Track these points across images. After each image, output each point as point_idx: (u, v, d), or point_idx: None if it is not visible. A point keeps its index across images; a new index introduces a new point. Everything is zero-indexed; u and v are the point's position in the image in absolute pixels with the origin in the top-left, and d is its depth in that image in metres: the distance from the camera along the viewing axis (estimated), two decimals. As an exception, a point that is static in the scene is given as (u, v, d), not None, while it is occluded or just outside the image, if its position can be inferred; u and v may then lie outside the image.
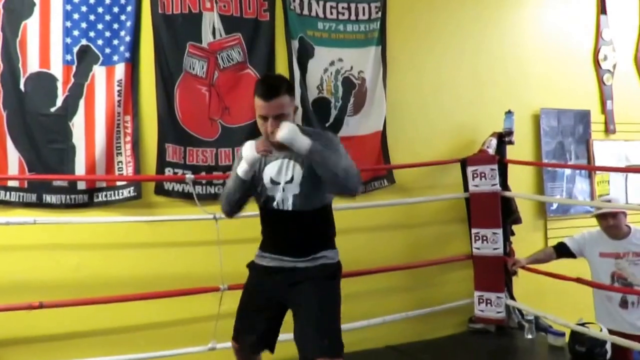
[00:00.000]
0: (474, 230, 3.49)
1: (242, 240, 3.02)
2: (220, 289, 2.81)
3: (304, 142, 1.98)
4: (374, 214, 3.44)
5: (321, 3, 3.40)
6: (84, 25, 2.90)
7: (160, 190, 3.01)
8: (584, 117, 4.15)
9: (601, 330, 3.11)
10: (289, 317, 2.15)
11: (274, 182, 2.13)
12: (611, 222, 3.09)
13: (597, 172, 4.17)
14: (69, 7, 2.86)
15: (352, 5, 3.47)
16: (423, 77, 3.66)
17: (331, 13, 3.43)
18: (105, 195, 2.90)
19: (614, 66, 4.28)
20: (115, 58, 2.95)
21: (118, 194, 2.91)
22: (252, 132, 3.15)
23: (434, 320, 3.53)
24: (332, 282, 2.14)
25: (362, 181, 3.22)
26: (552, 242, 4.02)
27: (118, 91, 2.93)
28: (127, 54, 2.96)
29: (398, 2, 3.56)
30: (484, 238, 3.44)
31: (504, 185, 3.53)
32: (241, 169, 2.10)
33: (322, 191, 2.11)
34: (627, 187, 4.31)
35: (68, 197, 2.82)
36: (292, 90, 2.20)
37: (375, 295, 3.41)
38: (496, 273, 3.44)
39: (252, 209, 3.03)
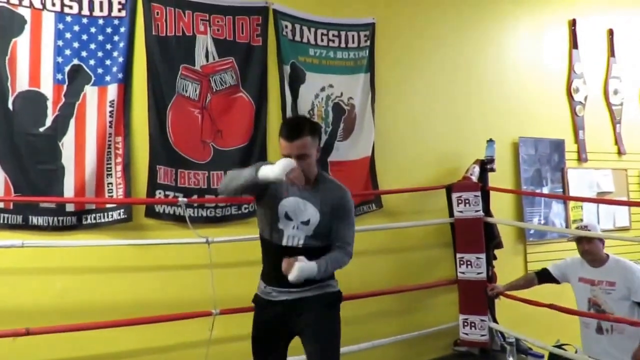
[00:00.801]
0: (458, 255, 3.50)
1: (235, 264, 2.97)
2: (212, 314, 2.71)
3: (310, 276, 2.06)
4: (362, 238, 3.35)
5: (312, 30, 3.40)
6: (76, 44, 2.80)
7: (150, 213, 2.90)
8: (559, 146, 4.26)
9: (576, 351, 3.16)
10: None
11: (289, 218, 2.18)
12: (586, 247, 3.13)
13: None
14: (61, 26, 2.76)
15: (342, 33, 3.48)
16: (410, 105, 3.69)
17: (322, 40, 3.43)
18: (95, 218, 2.77)
19: (585, 98, 4.42)
20: (108, 78, 2.86)
21: (108, 217, 2.79)
22: (245, 156, 3.14)
23: (421, 343, 3.49)
24: (336, 312, 2.26)
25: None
26: (531, 266, 4.09)
27: (110, 112, 2.83)
28: (119, 75, 2.87)
29: (386, 32, 3.59)
30: (468, 263, 3.45)
31: (487, 211, 3.56)
32: (265, 173, 2.04)
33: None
34: (599, 213, 4.43)
35: (56, 219, 2.68)
36: (316, 132, 2.22)
37: (364, 319, 3.35)
38: (480, 297, 3.44)
39: (244, 233, 3.01)
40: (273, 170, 2.03)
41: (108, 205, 2.79)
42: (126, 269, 2.77)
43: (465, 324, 3.47)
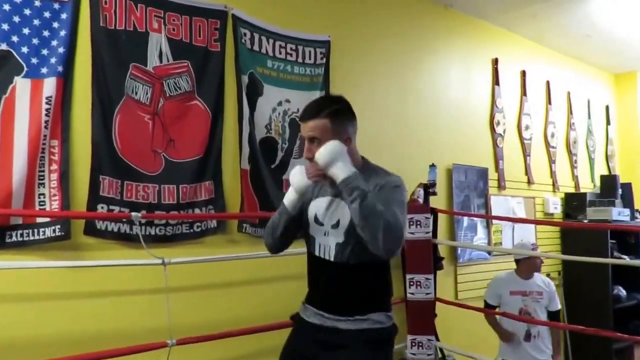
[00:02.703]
0: (408, 276, 3.35)
1: (191, 288, 2.54)
2: (167, 345, 2.25)
3: (342, 170, 1.58)
4: (301, 260, 3.14)
5: (271, 41, 3.11)
6: (5, 26, 2.25)
7: (91, 230, 2.37)
8: (483, 174, 4.35)
9: None
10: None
11: (318, 222, 1.76)
12: (538, 262, 3.47)
13: (494, 222, 4.38)
14: (-14, 3, 2.21)
15: (300, 48, 3.23)
16: (361, 127, 3.50)
17: (280, 52, 3.15)
18: (22, 235, 2.19)
19: (504, 131, 4.60)
20: (44, 71, 2.32)
21: (39, 233, 2.22)
22: (200, 168, 2.74)
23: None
24: (377, 354, 1.71)
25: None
26: (460, 287, 4.11)
27: (46, 110, 2.29)
28: (59, 68, 2.35)
29: (340, 51, 3.42)
30: (418, 283, 3.32)
31: (435, 233, 3.49)
32: (288, 197, 1.73)
33: None
34: (514, 236, 4.60)
35: (-30, 236, 2.09)
36: (339, 115, 1.74)
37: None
38: (428, 317, 3.32)
39: (199, 254, 2.60)
40: (294, 184, 1.71)
41: (39, 220, 2.23)
42: (62, 296, 2.22)
43: (413, 344, 3.32)
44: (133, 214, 2.31)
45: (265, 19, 3.07)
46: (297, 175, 1.71)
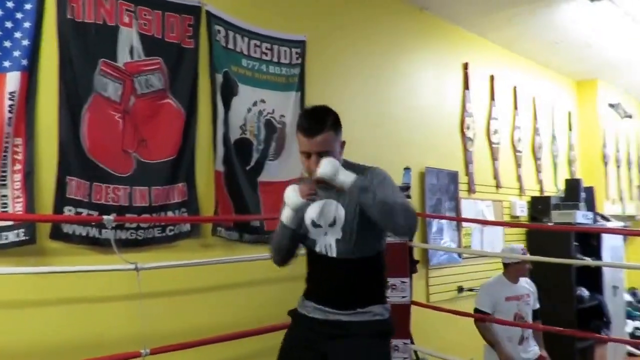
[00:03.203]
0: (383, 280, 3.35)
1: (165, 294, 2.44)
2: (141, 355, 2.14)
3: (346, 177, 1.69)
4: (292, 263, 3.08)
5: (246, 39, 3.03)
6: (-37, 16, 2.11)
7: (57, 234, 2.24)
8: (454, 178, 4.39)
9: None
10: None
11: (316, 225, 1.85)
12: (527, 266, 3.47)
13: (464, 225, 4.43)
14: (-58, -10, 2.06)
15: (275, 47, 3.17)
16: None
17: (255, 51, 3.08)
18: (-19, 240, 2.06)
19: (474, 135, 4.67)
20: (7, 64, 2.17)
21: (1, 238, 2.07)
22: (173, 170, 2.64)
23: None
24: (379, 342, 1.82)
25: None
26: (432, 289, 4.12)
27: (9, 106, 2.15)
28: (23, 62, 2.21)
29: (316, 52, 3.38)
30: (394, 287, 3.31)
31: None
32: (285, 215, 1.82)
33: (372, 236, 1.83)
34: (483, 239, 4.67)
35: None
36: (338, 124, 1.86)
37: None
38: (404, 320, 3.30)
39: (173, 258, 2.50)
40: (290, 205, 1.78)
41: (2, 224, 2.08)
42: (28, 304, 2.08)
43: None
44: (105, 217, 2.19)
45: (240, 17, 3.00)
46: (291, 196, 1.78)
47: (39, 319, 2.11)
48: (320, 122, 1.79)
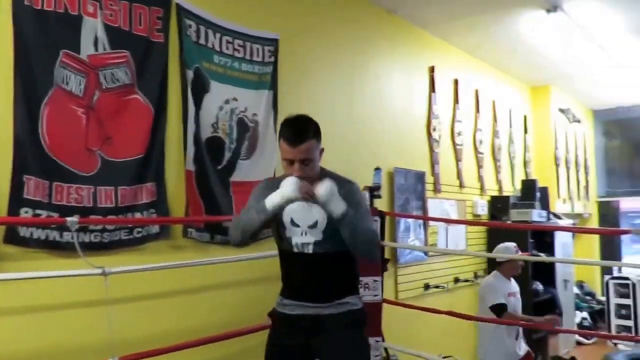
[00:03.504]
0: (356, 280, 3.20)
1: (133, 299, 2.20)
2: (109, 364, 1.91)
3: (338, 206, 1.77)
4: (262, 263, 2.88)
5: (218, 35, 2.81)
6: None
7: (12, 238, 1.97)
8: (421, 178, 4.29)
9: None
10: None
11: (295, 224, 1.88)
12: (520, 265, 3.50)
13: (430, 224, 4.34)
14: None
15: (248, 44, 2.96)
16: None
17: (227, 48, 2.86)
18: None
19: (440, 136, 4.58)
20: (-45, 52, 1.91)
21: (-54, 244, 1.81)
22: (140, 169, 2.40)
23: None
24: (359, 333, 1.92)
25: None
26: (400, 287, 4.00)
27: (-43, 98, 1.88)
28: (-26, 50, 1.94)
29: (289, 51, 3.19)
30: (366, 285, 3.16)
31: (381, 235, 3.35)
32: (272, 201, 1.80)
33: None
34: (447, 238, 4.59)
35: None
36: (319, 133, 1.92)
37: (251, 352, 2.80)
38: (376, 318, 3.16)
39: (141, 262, 2.26)
40: (283, 193, 1.78)
41: (-52, 228, 1.81)
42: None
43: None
44: (68, 219, 1.94)
45: (211, 12, 2.78)
46: (290, 186, 1.78)
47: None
48: (304, 132, 1.82)
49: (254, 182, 2.90)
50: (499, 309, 3.35)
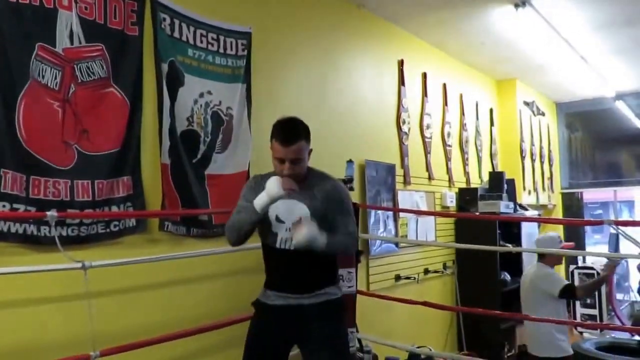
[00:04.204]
0: (330, 271, 3.36)
1: (112, 292, 2.30)
2: (91, 357, 2.00)
3: (319, 243, 1.94)
4: (238, 257, 3.00)
5: (192, 28, 2.91)
6: None
7: (-10, 233, 2.04)
8: (391, 170, 4.49)
9: (430, 350, 3.39)
10: None
11: (279, 220, 2.06)
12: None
13: (401, 215, 4.55)
14: None
15: (221, 38, 3.06)
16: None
17: (201, 41, 2.96)
18: None
19: (409, 129, 4.80)
20: None
21: None
22: (117, 163, 2.49)
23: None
24: (338, 321, 2.12)
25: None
26: (372, 278, 4.20)
27: None
28: (-52, 43, 1.99)
29: (261, 44, 3.31)
30: (341, 277, 3.33)
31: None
32: (261, 203, 1.98)
33: (327, 229, 2.04)
34: (417, 229, 4.82)
35: None
36: (309, 135, 2.13)
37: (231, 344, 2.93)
38: (351, 309, 3.34)
39: (119, 255, 2.35)
40: (269, 193, 1.96)
41: None
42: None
43: (335, 339, 3.33)
44: (48, 213, 2.02)
45: (185, 5, 2.87)
46: (274, 186, 1.95)
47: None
48: (295, 133, 2.03)
49: (229, 175, 3.06)
50: (570, 289, 3.51)
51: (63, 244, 2.17)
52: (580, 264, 7.11)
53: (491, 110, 6.48)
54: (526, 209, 6.05)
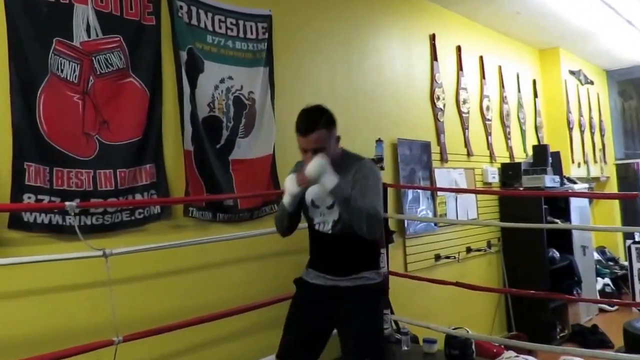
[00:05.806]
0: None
1: (135, 279, 2.28)
2: (114, 342, 1.99)
3: (329, 182, 1.91)
4: (264, 241, 2.93)
5: (210, 15, 2.83)
6: None
7: (16, 223, 2.04)
8: (427, 148, 4.28)
9: (468, 332, 3.19)
10: None
11: (315, 205, 2.10)
12: None
13: (439, 194, 4.33)
14: None
15: (241, 22, 2.97)
16: (307, 103, 3.31)
17: (220, 27, 2.88)
18: None
19: (444, 105, 4.55)
20: (-51, 46, 1.97)
21: (-46, 230, 1.89)
22: (138, 151, 2.45)
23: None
24: (372, 309, 2.07)
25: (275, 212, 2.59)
26: (410, 258, 4.03)
27: (-46, 90, 1.95)
28: (-33, 43, 2.00)
29: (283, 27, 3.19)
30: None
31: (385, 207, 3.37)
32: (286, 201, 2.04)
33: None
34: (458, 206, 4.59)
35: None
36: (331, 122, 2.07)
37: (263, 328, 2.86)
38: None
39: (142, 242, 2.33)
40: (289, 191, 2.01)
41: (-46, 215, 1.90)
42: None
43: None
44: (67, 203, 2.00)
45: (202, -9, 2.79)
46: (290, 185, 2.01)
47: (3, 313, 1.93)
48: (313, 122, 1.99)
49: (254, 160, 2.99)
50: None
51: (89, 233, 2.18)
52: (637, 238, 6.58)
53: (534, 82, 6.07)
54: (575, 182, 5.64)
